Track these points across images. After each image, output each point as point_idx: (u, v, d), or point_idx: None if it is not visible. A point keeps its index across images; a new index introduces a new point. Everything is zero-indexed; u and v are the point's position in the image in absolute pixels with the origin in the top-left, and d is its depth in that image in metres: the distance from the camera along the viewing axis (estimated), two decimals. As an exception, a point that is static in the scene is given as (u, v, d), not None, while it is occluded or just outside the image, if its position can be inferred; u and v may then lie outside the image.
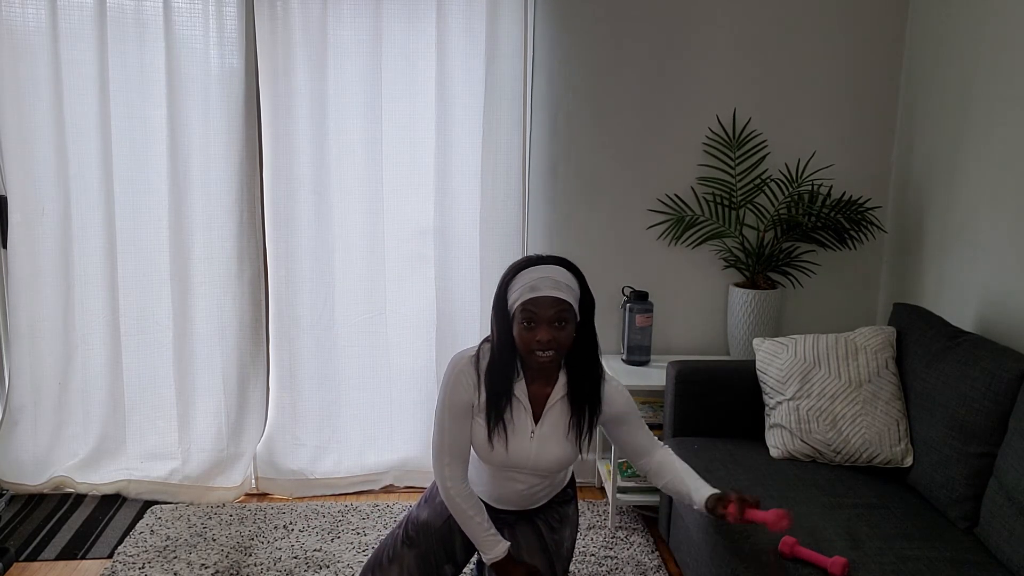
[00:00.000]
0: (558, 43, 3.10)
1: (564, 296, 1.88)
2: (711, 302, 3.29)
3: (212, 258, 3.09)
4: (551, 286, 1.88)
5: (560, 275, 1.91)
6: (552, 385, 2.00)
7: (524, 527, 2.13)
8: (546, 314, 1.87)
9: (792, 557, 1.97)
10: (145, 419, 3.21)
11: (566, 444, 2.01)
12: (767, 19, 3.11)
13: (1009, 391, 2.11)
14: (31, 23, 2.91)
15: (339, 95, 3.02)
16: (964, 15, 2.76)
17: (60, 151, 3.00)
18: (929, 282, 2.94)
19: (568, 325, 1.90)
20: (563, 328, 1.89)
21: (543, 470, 2.03)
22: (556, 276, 1.90)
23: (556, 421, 2.00)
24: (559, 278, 1.90)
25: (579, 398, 1.99)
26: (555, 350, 1.89)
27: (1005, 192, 2.51)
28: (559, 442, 2.01)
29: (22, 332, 3.09)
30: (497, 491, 2.11)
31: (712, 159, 3.19)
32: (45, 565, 2.73)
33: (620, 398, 2.04)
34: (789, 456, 2.54)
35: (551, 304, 1.87)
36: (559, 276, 1.90)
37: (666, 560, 2.79)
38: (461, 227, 3.13)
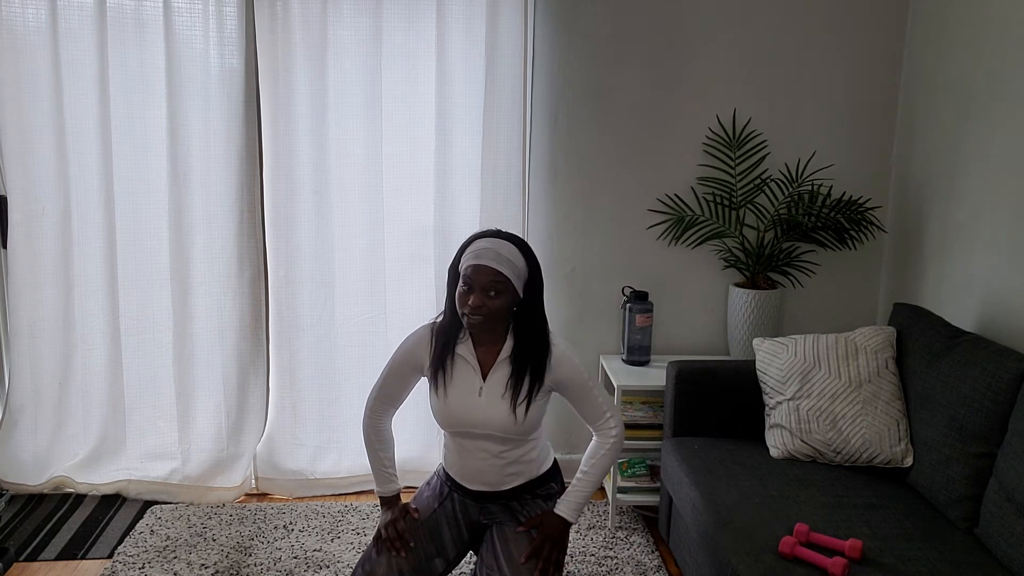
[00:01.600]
0: (558, 43, 3.10)
1: (502, 269, 2.00)
2: (711, 302, 3.29)
3: (212, 258, 3.09)
4: (492, 257, 2.01)
5: (506, 250, 2.03)
6: (499, 348, 2.11)
7: (511, 528, 2.15)
8: (480, 281, 2.00)
9: (793, 557, 1.97)
10: (145, 419, 3.21)
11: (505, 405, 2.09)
12: (767, 19, 3.11)
13: (1009, 391, 2.11)
14: (31, 23, 2.91)
15: (339, 95, 3.02)
16: (964, 15, 2.76)
17: (60, 151, 3.00)
18: (929, 282, 2.94)
19: (501, 296, 2.01)
20: (495, 298, 2.01)
21: (493, 428, 2.08)
22: (501, 250, 2.02)
23: (500, 381, 2.10)
24: (504, 252, 2.02)
25: (521, 361, 2.09)
26: (483, 316, 2.01)
27: (1005, 192, 2.51)
28: (502, 402, 2.09)
29: (22, 332, 3.09)
30: (465, 464, 2.17)
31: (712, 159, 3.19)
32: (45, 565, 2.73)
33: (565, 366, 2.11)
34: (789, 456, 2.54)
35: (487, 273, 2.00)
36: (504, 251, 2.03)
37: (666, 560, 2.79)
38: (461, 227, 3.13)
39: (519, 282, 2.05)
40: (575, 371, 2.12)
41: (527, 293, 2.08)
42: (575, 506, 2.15)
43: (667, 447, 2.71)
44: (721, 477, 2.41)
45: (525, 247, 2.09)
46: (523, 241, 2.10)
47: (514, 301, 2.05)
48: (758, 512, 2.19)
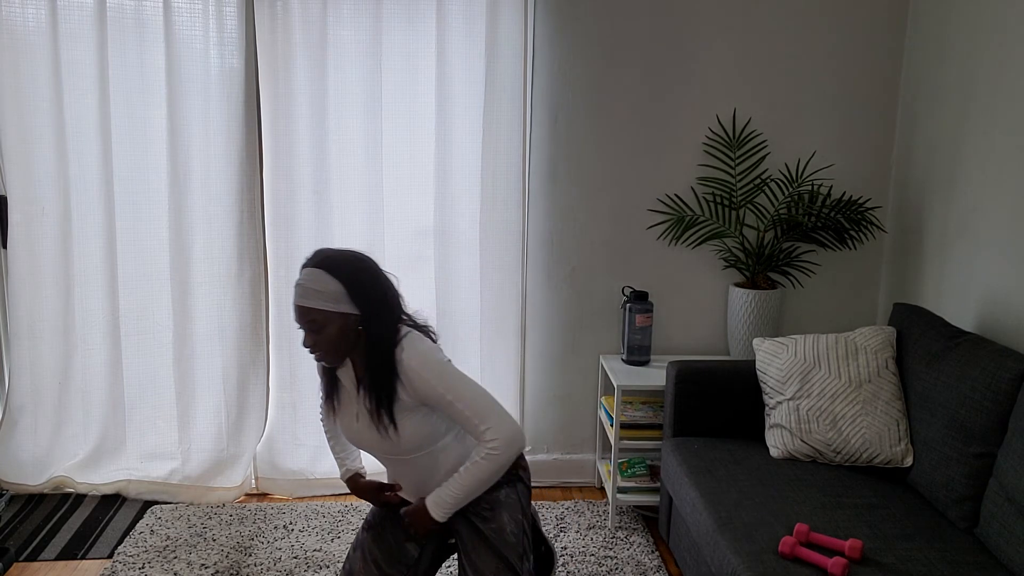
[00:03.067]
0: (558, 43, 3.10)
1: (309, 303, 1.90)
2: (711, 302, 3.29)
3: (212, 258, 3.09)
4: (299, 294, 1.92)
5: (310, 280, 1.91)
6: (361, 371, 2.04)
7: (465, 528, 2.07)
8: (300, 322, 1.94)
9: (793, 557, 1.97)
10: (145, 419, 3.21)
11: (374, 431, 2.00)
12: (767, 19, 3.11)
13: (1009, 391, 2.11)
14: (31, 23, 2.91)
15: (339, 95, 3.02)
16: (964, 15, 2.76)
17: (60, 151, 3.00)
18: (929, 282, 2.94)
19: (325, 328, 1.91)
20: (320, 332, 1.92)
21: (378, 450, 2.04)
22: (305, 282, 1.92)
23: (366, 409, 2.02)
24: (307, 283, 1.91)
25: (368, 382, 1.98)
26: (322, 351, 1.94)
27: (1005, 192, 2.52)
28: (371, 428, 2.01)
29: (22, 332, 3.09)
30: (394, 476, 2.14)
31: (712, 159, 3.19)
32: (45, 565, 2.73)
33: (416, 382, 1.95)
34: (789, 456, 2.54)
35: (300, 313, 1.93)
36: (307, 281, 1.91)
37: (666, 560, 2.79)
38: (461, 227, 3.13)
39: (338, 304, 1.91)
40: (428, 387, 1.94)
41: (362, 306, 1.94)
42: (440, 503, 1.97)
43: (667, 447, 2.71)
44: (721, 477, 2.41)
45: (333, 265, 1.93)
46: (333, 259, 1.95)
47: (349, 322, 1.93)
48: (758, 512, 2.19)
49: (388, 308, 1.99)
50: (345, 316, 1.93)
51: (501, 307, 3.15)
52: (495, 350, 3.18)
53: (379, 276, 2.01)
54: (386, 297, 1.99)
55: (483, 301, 3.15)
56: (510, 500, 2.09)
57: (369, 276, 1.98)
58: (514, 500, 2.10)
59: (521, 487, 2.14)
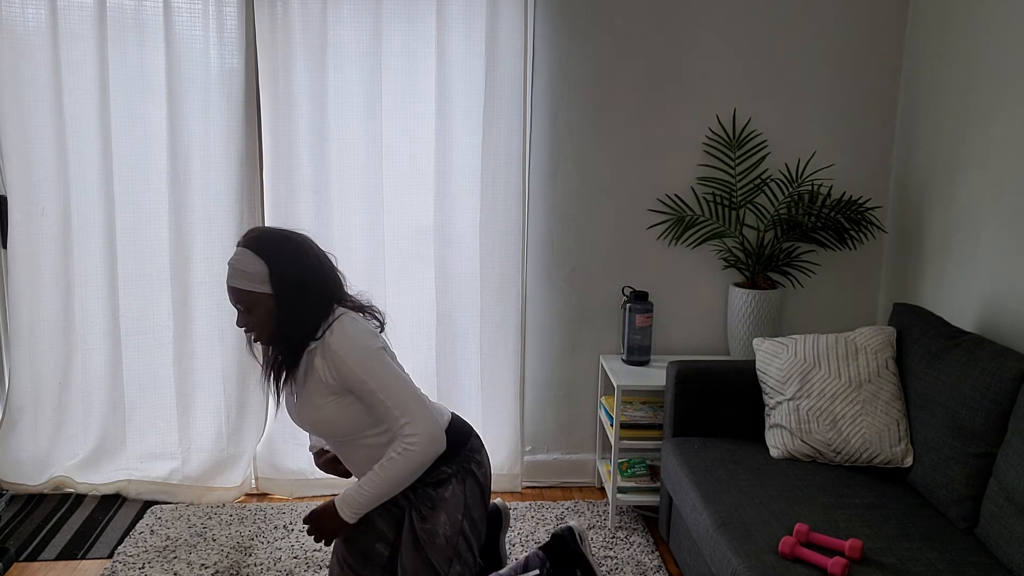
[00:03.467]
0: (558, 43, 3.10)
1: (236, 283, 1.91)
2: (711, 302, 3.29)
3: (212, 258, 3.09)
4: (229, 275, 1.93)
5: (237, 260, 1.92)
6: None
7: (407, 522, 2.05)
8: (232, 302, 1.95)
9: (793, 557, 1.97)
10: (145, 419, 3.21)
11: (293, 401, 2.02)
12: (767, 19, 3.11)
13: (1009, 391, 2.11)
14: (31, 23, 2.91)
15: (339, 95, 3.02)
16: (964, 15, 2.76)
17: (60, 151, 3.00)
18: (929, 282, 2.94)
19: (255, 308, 1.92)
20: (250, 312, 1.92)
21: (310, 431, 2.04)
22: (233, 262, 1.93)
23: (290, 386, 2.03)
24: (235, 264, 1.92)
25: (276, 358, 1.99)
26: (253, 330, 1.95)
27: (1005, 192, 2.52)
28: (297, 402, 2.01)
29: (22, 332, 3.09)
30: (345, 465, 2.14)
31: (712, 159, 3.19)
32: (45, 565, 2.73)
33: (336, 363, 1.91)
34: (789, 456, 2.54)
35: (230, 293, 1.94)
36: (235, 261, 1.92)
37: (666, 560, 2.79)
38: (461, 227, 3.13)
39: (264, 284, 1.90)
40: (349, 371, 1.89)
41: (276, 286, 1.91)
42: (350, 502, 1.92)
43: (667, 447, 2.71)
44: (721, 477, 2.41)
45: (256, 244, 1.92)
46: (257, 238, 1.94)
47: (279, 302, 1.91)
48: (758, 512, 2.19)
49: (310, 288, 1.94)
50: (268, 298, 1.91)
51: (501, 307, 3.15)
52: (495, 350, 3.18)
53: (305, 256, 1.96)
54: (309, 278, 1.95)
55: (483, 301, 3.15)
56: (453, 499, 2.03)
57: (291, 256, 1.94)
58: (458, 499, 2.03)
59: (471, 483, 2.07)
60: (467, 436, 2.11)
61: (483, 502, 2.11)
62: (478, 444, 2.14)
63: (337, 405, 1.95)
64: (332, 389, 1.93)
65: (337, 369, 1.90)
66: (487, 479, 2.14)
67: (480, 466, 2.11)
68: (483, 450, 2.16)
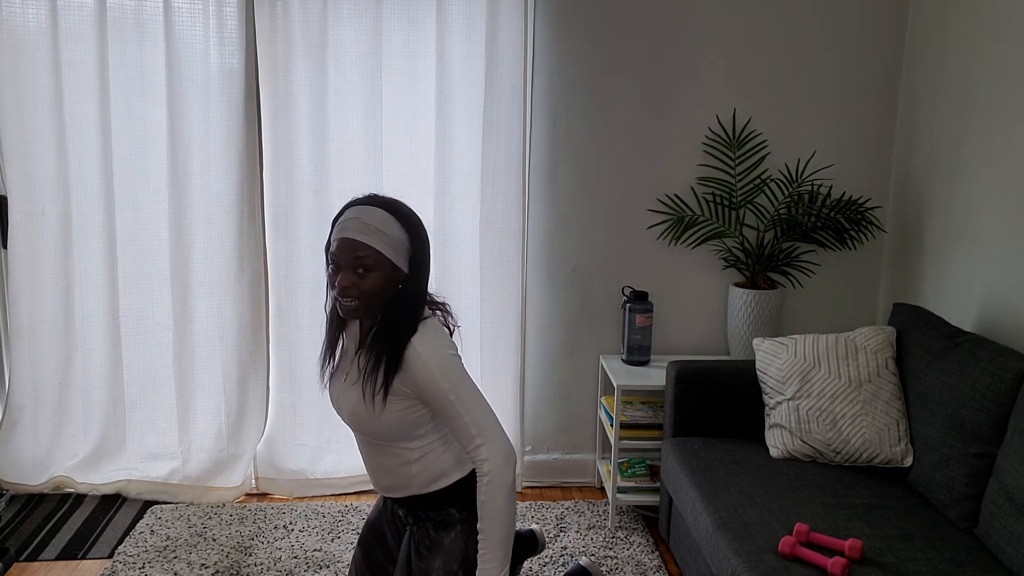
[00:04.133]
0: (558, 43, 3.10)
1: (368, 240, 1.69)
2: (711, 302, 3.29)
3: (212, 258, 3.09)
4: (356, 228, 1.70)
5: (373, 217, 1.71)
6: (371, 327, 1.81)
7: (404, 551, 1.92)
8: (345, 257, 1.70)
9: (793, 557, 1.97)
10: (145, 419, 3.21)
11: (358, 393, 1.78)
12: (767, 19, 3.11)
13: (1009, 391, 2.11)
14: (31, 23, 2.91)
15: (339, 95, 3.02)
16: (964, 15, 2.77)
17: (60, 151, 3.00)
18: (929, 282, 2.94)
19: (372, 273, 1.70)
20: (365, 276, 1.70)
21: (346, 416, 1.83)
22: (366, 218, 1.70)
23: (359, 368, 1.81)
24: (370, 220, 1.70)
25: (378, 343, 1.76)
26: (355, 298, 1.71)
27: (1005, 192, 2.52)
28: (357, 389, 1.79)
29: (22, 332, 3.09)
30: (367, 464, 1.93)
31: (712, 159, 3.19)
32: (45, 565, 2.73)
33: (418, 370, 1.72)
34: (789, 456, 2.54)
35: (351, 247, 1.69)
36: (371, 218, 1.70)
37: (666, 560, 2.79)
38: (461, 227, 3.13)
39: (397, 255, 1.72)
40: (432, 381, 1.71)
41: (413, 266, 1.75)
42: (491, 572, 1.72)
43: (667, 447, 2.71)
44: (721, 477, 2.41)
45: (402, 214, 1.75)
46: (401, 206, 1.76)
47: (394, 278, 1.73)
48: (758, 512, 2.19)
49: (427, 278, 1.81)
50: (393, 271, 1.73)
51: (501, 307, 3.15)
52: (495, 350, 3.18)
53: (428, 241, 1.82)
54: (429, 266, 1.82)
55: (483, 301, 3.16)
56: (453, 547, 1.87)
57: (426, 236, 1.79)
58: (458, 549, 1.87)
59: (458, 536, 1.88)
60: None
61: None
62: None
63: (396, 402, 1.76)
64: (396, 391, 1.75)
65: (415, 376, 1.72)
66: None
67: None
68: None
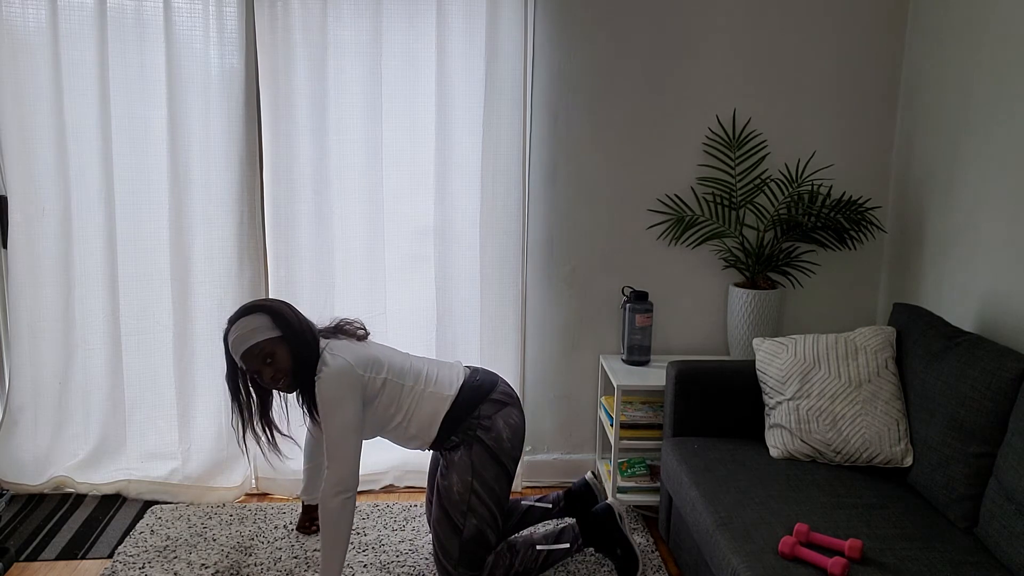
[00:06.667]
0: (558, 43, 3.10)
1: (253, 339, 2.27)
2: (711, 302, 3.29)
3: (212, 258, 3.09)
4: (243, 340, 2.28)
5: (244, 327, 2.29)
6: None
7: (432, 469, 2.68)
8: (255, 362, 2.29)
9: (793, 557, 1.97)
10: (145, 419, 3.21)
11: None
12: (767, 19, 3.11)
13: (1009, 391, 2.11)
14: (31, 23, 2.91)
15: (339, 95, 3.02)
16: (964, 15, 2.77)
17: (60, 151, 3.00)
18: (929, 282, 2.94)
19: (276, 354, 2.29)
20: (274, 362, 2.29)
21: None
22: (241, 331, 2.28)
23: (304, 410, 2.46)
24: (243, 330, 2.28)
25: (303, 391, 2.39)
26: (283, 377, 2.32)
27: (1005, 192, 2.52)
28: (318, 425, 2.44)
29: (22, 332, 3.09)
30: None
31: (712, 159, 3.19)
32: (45, 565, 2.73)
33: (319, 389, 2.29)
34: (789, 456, 2.54)
35: (251, 353, 2.28)
36: (243, 329, 2.28)
37: (666, 560, 2.79)
38: (461, 227, 3.13)
39: (271, 331, 2.29)
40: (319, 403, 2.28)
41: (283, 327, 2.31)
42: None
43: (667, 447, 2.71)
44: (721, 477, 2.41)
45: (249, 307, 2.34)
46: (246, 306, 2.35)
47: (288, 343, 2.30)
48: (758, 512, 2.19)
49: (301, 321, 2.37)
50: (281, 341, 2.29)
51: (501, 307, 3.15)
52: (495, 350, 3.18)
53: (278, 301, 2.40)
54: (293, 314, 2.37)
55: (483, 301, 3.15)
56: (461, 463, 2.41)
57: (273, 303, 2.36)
58: (465, 463, 2.40)
59: (478, 448, 2.41)
60: (475, 404, 2.44)
61: (496, 463, 2.41)
62: (489, 410, 2.45)
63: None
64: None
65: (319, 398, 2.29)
66: (499, 441, 2.43)
67: (489, 431, 2.42)
68: (495, 415, 2.43)
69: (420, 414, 2.42)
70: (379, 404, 2.39)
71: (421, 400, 2.42)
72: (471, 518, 2.38)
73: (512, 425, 2.47)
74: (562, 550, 2.54)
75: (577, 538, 2.57)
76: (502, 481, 2.44)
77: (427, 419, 2.42)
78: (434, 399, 2.43)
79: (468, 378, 2.52)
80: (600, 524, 2.58)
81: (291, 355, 2.30)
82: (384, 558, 2.74)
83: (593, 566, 2.71)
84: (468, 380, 2.51)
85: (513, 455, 2.47)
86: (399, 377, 2.42)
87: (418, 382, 2.45)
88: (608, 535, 2.58)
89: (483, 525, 2.40)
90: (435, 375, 2.49)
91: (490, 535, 2.42)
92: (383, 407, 2.40)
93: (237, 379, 2.41)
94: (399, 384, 2.42)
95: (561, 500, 2.76)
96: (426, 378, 2.47)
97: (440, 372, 2.51)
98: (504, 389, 2.53)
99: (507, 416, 2.46)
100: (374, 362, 2.39)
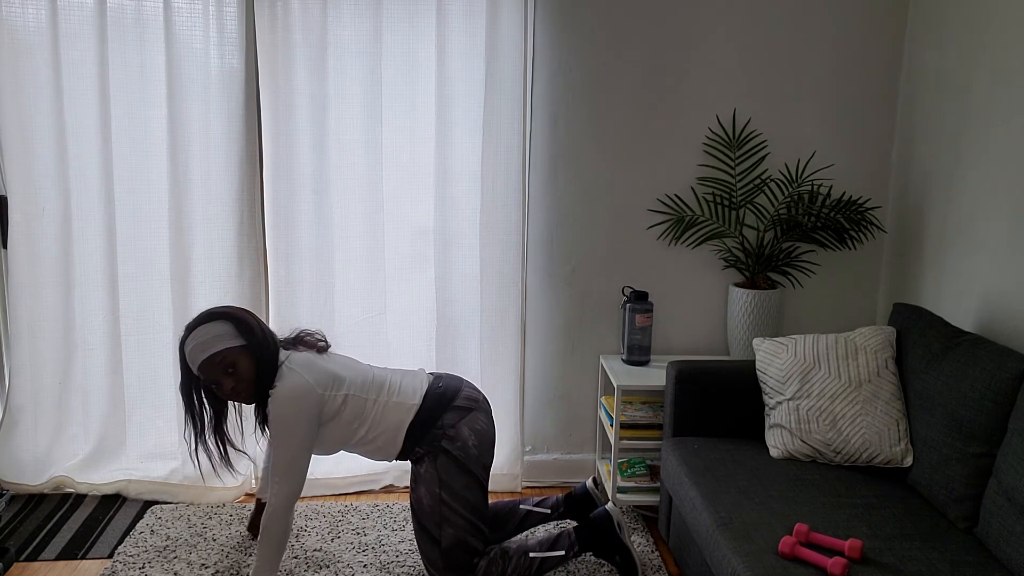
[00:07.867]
0: (558, 43, 3.10)
1: (215, 348, 2.21)
2: (711, 302, 3.29)
3: (212, 258, 3.09)
4: (201, 350, 2.21)
5: (202, 335, 2.22)
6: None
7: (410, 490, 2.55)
8: (214, 373, 2.23)
9: (793, 557, 1.97)
10: (145, 419, 3.21)
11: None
12: (767, 19, 3.11)
13: (1009, 391, 2.11)
14: (31, 23, 2.91)
15: (339, 95, 3.02)
16: (964, 15, 2.77)
17: (60, 151, 3.00)
18: (929, 282, 2.94)
19: (238, 365, 2.24)
20: (235, 372, 2.24)
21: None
22: (199, 339, 2.22)
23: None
24: (202, 339, 2.22)
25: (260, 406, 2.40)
26: (244, 388, 2.26)
27: (1005, 192, 2.52)
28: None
29: (22, 332, 3.09)
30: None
31: (712, 159, 3.19)
32: (45, 565, 2.73)
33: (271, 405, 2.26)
34: (789, 456, 2.54)
35: (210, 363, 2.22)
36: (202, 337, 2.22)
37: (666, 560, 2.79)
38: (461, 227, 3.13)
39: (234, 340, 2.24)
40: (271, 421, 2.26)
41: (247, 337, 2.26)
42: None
43: (667, 447, 2.71)
44: (721, 477, 2.41)
45: (209, 314, 2.28)
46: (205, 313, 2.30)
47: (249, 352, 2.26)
48: (758, 512, 2.19)
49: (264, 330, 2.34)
50: (242, 350, 2.24)
51: (501, 307, 3.15)
52: (495, 350, 3.18)
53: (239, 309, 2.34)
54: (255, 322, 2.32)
55: (483, 301, 3.15)
56: (428, 475, 2.40)
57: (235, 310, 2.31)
58: (431, 475, 2.39)
59: (443, 459, 2.39)
60: (440, 413, 2.42)
61: (464, 472, 2.40)
62: (453, 418, 2.42)
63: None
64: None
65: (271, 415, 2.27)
66: (464, 450, 2.40)
67: (454, 440, 2.40)
68: (459, 424, 2.41)
69: (385, 425, 2.40)
70: (341, 420, 2.37)
71: (385, 411, 2.40)
72: (447, 528, 2.37)
73: (479, 431, 2.44)
74: (556, 557, 2.50)
75: (573, 545, 2.53)
76: (473, 489, 2.43)
77: (392, 430, 2.40)
78: (399, 409, 2.41)
79: (431, 385, 2.50)
80: (598, 531, 2.56)
81: (254, 366, 2.26)
82: (384, 558, 2.74)
83: (593, 567, 2.71)
84: (432, 387, 2.48)
85: (482, 461, 2.45)
86: (361, 391, 2.40)
87: (381, 394, 2.43)
88: (606, 542, 2.56)
89: (461, 533, 2.38)
90: (398, 384, 2.47)
91: (472, 540, 2.41)
92: (345, 423, 2.38)
93: (191, 390, 2.35)
94: (362, 398, 2.40)
95: (560, 505, 2.74)
96: (389, 388, 2.45)
97: (404, 381, 2.49)
98: (469, 394, 2.50)
99: (472, 423, 2.44)
100: (334, 379, 2.36)
